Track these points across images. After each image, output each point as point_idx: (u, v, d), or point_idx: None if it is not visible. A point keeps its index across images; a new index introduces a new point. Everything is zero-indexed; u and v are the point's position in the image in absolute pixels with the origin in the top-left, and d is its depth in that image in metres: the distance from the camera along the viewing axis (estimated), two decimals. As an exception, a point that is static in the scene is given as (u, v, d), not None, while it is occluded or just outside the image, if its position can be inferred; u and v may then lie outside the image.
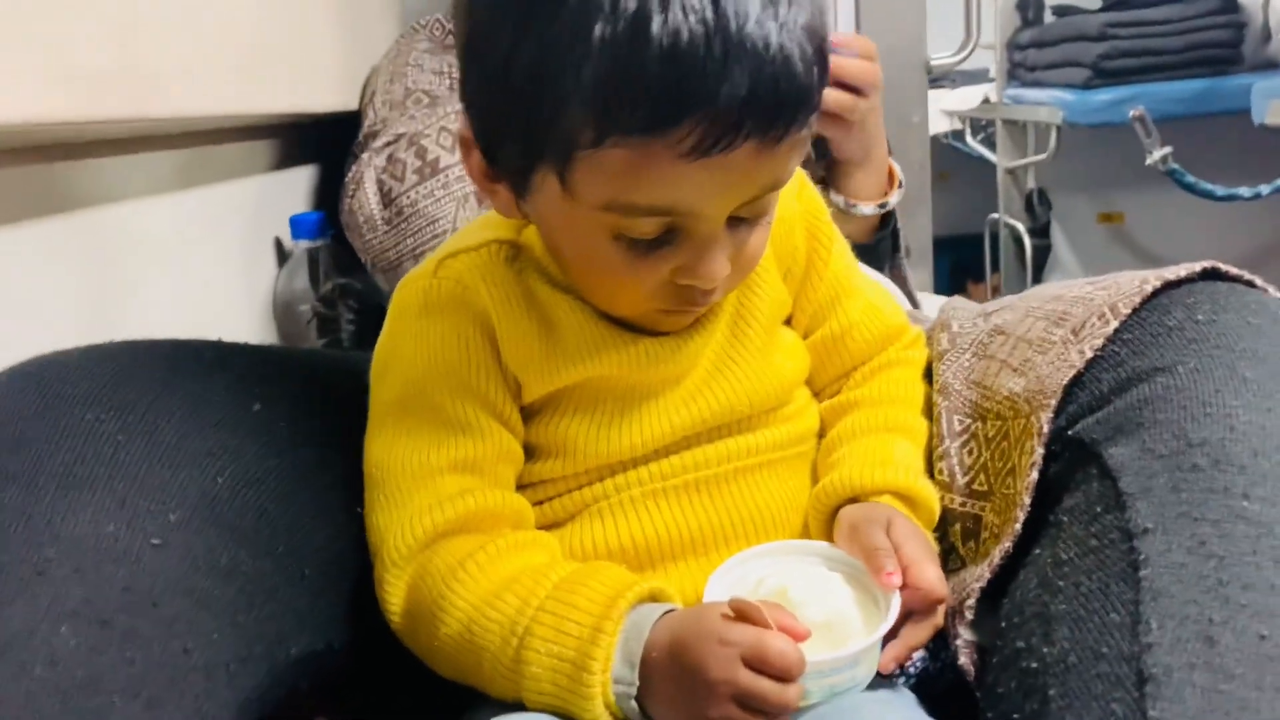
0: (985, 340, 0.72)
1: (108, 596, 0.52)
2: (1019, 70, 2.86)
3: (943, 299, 1.39)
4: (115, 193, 0.82)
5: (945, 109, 3.20)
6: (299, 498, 0.64)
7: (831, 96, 0.99)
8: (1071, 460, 0.60)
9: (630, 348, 0.65)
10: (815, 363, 0.75)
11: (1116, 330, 0.62)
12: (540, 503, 0.67)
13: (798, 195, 0.73)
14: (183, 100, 0.81)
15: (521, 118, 0.56)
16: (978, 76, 3.16)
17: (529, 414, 0.67)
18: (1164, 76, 2.43)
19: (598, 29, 0.51)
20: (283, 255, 1.15)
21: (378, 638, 0.63)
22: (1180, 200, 2.40)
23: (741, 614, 0.54)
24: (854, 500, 0.67)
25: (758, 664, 0.52)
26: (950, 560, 0.68)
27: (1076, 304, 0.67)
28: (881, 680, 0.61)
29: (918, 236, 1.48)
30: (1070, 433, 0.61)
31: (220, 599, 0.56)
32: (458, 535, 0.62)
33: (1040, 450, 0.61)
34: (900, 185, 1.11)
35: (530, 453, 0.67)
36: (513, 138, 0.58)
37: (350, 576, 0.65)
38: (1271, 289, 0.64)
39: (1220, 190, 2.30)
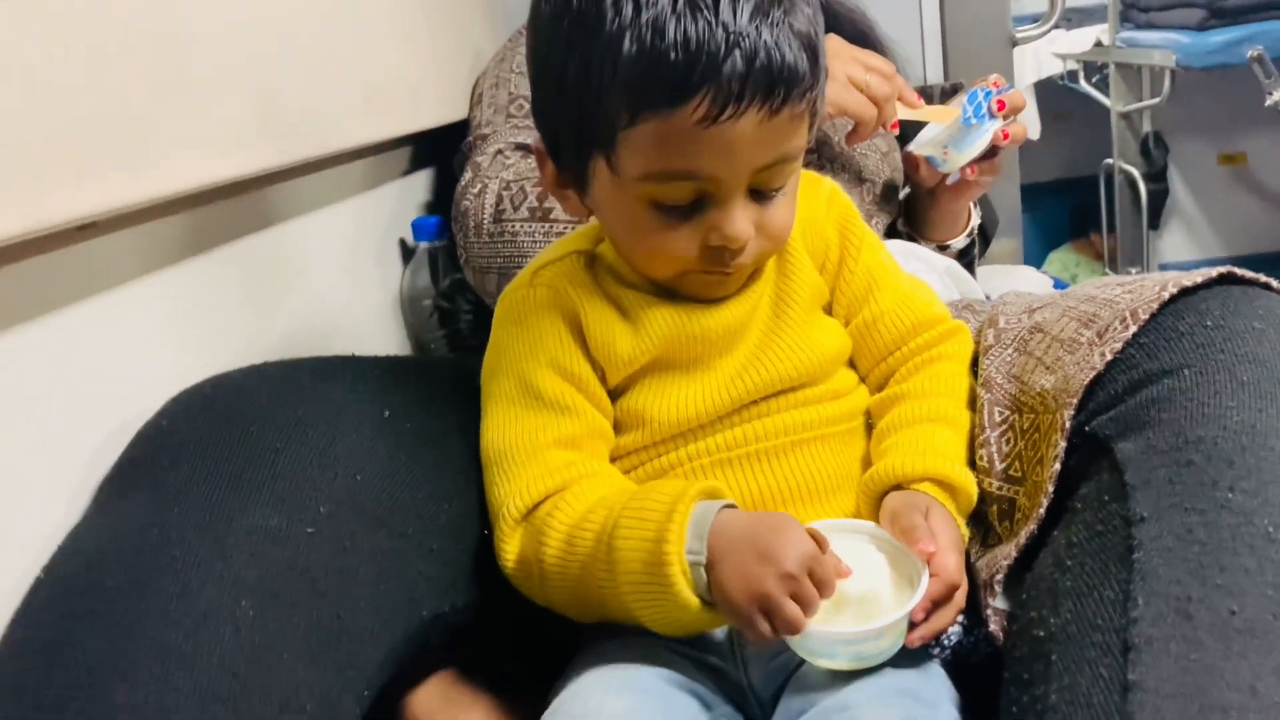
0: (1026, 337, 0.79)
1: (276, 575, 0.64)
2: (1132, 11, 2.81)
3: (1029, 271, 1.44)
4: (264, 221, 0.95)
5: (1057, 52, 3.15)
6: (424, 486, 0.76)
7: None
8: (1088, 453, 0.68)
9: (687, 326, 0.77)
10: (855, 348, 0.84)
11: (1135, 334, 0.69)
12: (628, 472, 0.79)
13: (829, 204, 0.84)
14: (316, 143, 0.93)
15: (575, 113, 0.71)
16: (1096, 14, 3.09)
17: (614, 395, 0.79)
18: (1282, 14, 2.36)
19: (627, 37, 0.66)
20: (407, 255, 1.28)
21: (493, 598, 0.76)
22: (1307, 138, 2.35)
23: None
24: (899, 487, 0.75)
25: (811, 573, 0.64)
26: (989, 537, 0.76)
27: (1105, 306, 0.73)
28: (921, 652, 0.70)
29: (1007, 204, 1.52)
30: (1088, 428, 0.68)
31: (364, 573, 0.69)
32: (560, 495, 0.73)
33: (1063, 444, 0.69)
34: (971, 223, 1.24)
35: (617, 428, 0.79)
36: (571, 135, 0.73)
37: (470, 548, 0.77)
38: (1280, 292, 0.70)
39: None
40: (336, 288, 1.11)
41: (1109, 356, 0.69)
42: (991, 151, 1.13)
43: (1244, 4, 2.38)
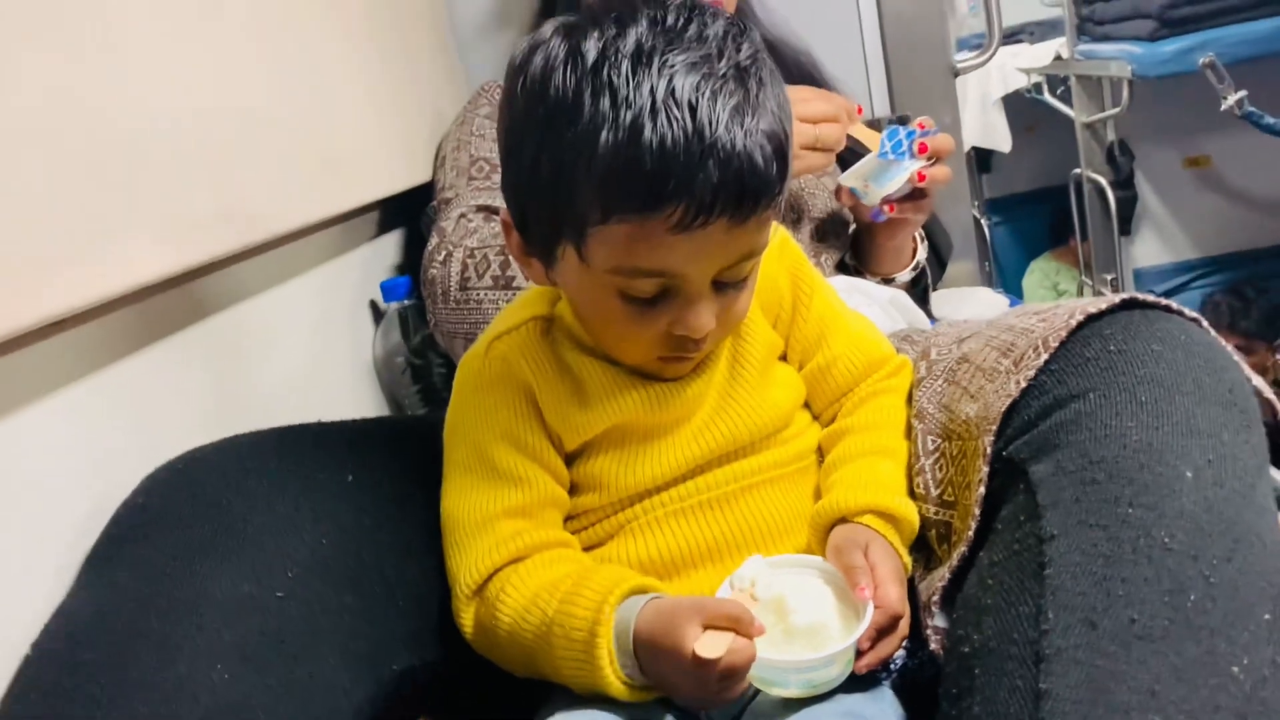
0: (954, 367, 0.84)
1: (249, 640, 0.68)
2: (1088, 25, 2.86)
3: (985, 292, 1.49)
4: (232, 299, 1.00)
5: (1020, 66, 3.21)
6: (388, 544, 0.81)
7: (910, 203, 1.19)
8: (1007, 476, 0.72)
9: (644, 395, 0.81)
10: (810, 390, 0.89)
11: (1046, 362, 0.73)
12: (583, 529, 0.83)
13: (779, 254, 0.87)
14: (278, 222, 0.98)
15: (547, 204, 0.72)
16: (1057, 28, 3.15)
17: (570, 460, 0.83)
18: (1230, 20, 2.41)
19: (603, 135, 0.66)
20: (378, 316, 1.33)
21: (460, 650, 0.80)
22: (1270, 137, 2.39)
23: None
24: (844, 520, 0.80)
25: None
26: (931, 560, 0.80)
27: (1021, 335, 0.77)
28: (869, 677, 0.74)
29: (960, 227, 1.57)
30: (1006, 452, 0.72)
31: (334, 633, 0.73)
32: (511, 568, 0.77)
33: (985, 468, 0.73)
34: (917, 257, 1.28)
35: (573, 489, 0.83)
36: (540, 220, 0.74)
37: (436, 604, 0.81)
38: (1186, 310, 0.74)
39: (1303, 130, 2.28)
40: (310, 354, 1.15)
41: (1023, 384, 0.73)
42: (919, 193, 1.17)
43: (1192, 14, 2.43)
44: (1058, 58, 3.02)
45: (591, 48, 0.68)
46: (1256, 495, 0.65)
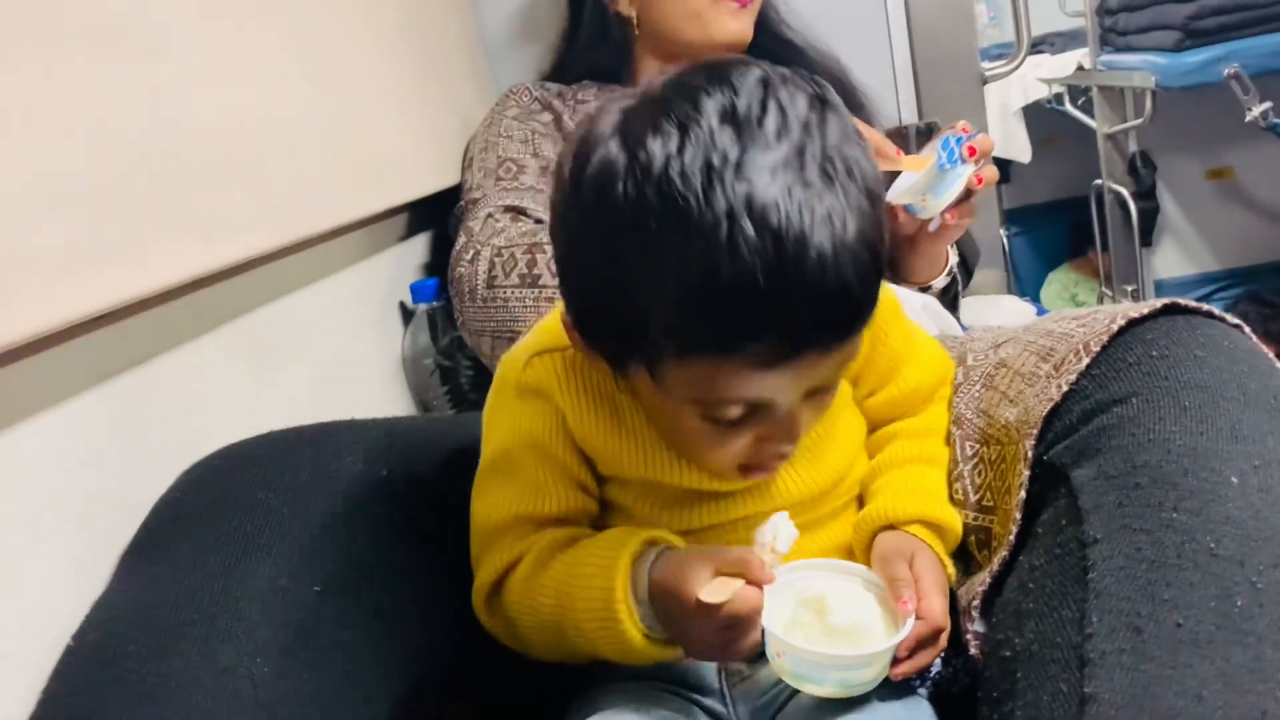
0: (991, 372, 0.83)
1: (287, 634, 0.69)
2: (1110, 35, 2.85)
3: (1012, 300, 1.49)
4: (267, 296, 1.00)
5: (1042, 77, 3.20)
6: (422, 541, 0.81)
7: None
8: (1048, 481, 0.72)
9: (693, 467, 0.75)
10: (875, 416, 0.85)
11: (1087, 366, 0.73)
12: None
13: None
14: (312, 222, 0.99)
15: (613, 327, 0.65)
16: (1078, 39, 3.15)
17: (602, 479, 0.79)
18: (1256, 31, 2.40)
19: (673, 265, 0.57)
20: (407, 317, 1.33)
21: (496, 647, 0.80)
22: (1294, 147, 2.38)
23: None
24: (890, 527, 0.79)
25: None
26: (970, 565, 0.80)
27: (1061, 340, 0.77)
28: (904, 685, 0.74)
29: (987, 236, 1.57)
30: (1047, 457, 0.72)
31: (367, 629, 0.73)
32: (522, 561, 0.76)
33: (1026, 473, 0.73)
34: (950, 262, 1.27)
35: (604, 506, 0.80)
36: (607, 338, 0.67)
37: (466, 602, 0.80)
38: (1228, 317, 0.74)
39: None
40: (340, 354, 1.16)
41: (1064, 388, 0.73)
42: (966, 195, 1.18)
43: (1217, 24, 2.42)
44: (1080, 68, 3.01)
45: (656, 152, 0.58)
46: None
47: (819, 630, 0.72)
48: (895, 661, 0.72)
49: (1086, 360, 0.73)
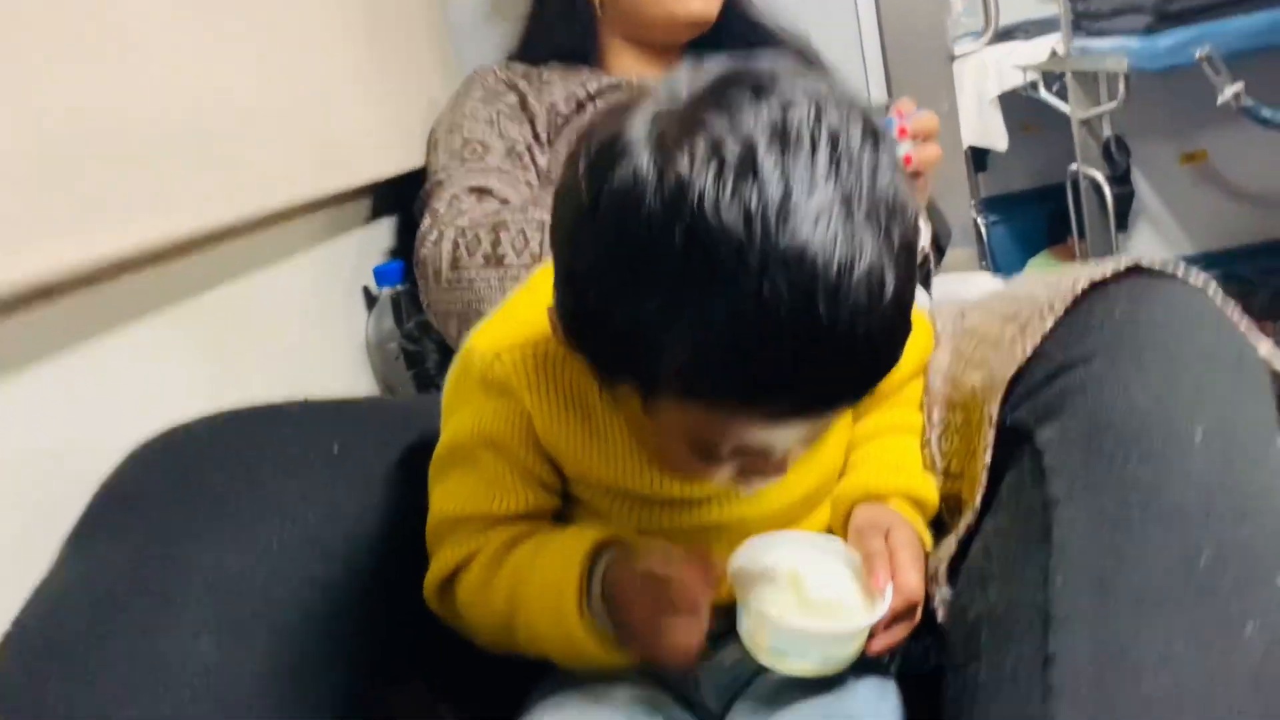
0: (958, 339, 0.82)
1: (234, 614, 0.66)
2: (1083, 20, 2.85)
3: (984, 277, 1.48)
4: (223, 276, 0.98)
5: (1017, 64, 3.20)
6: (378, 523, 0.79)
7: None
8: (1012, 443, 0.70)
9: (669, 478, 0.72)
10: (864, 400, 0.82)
11: (1051, 328, 0.71)
12: None
13: None
14: (268, 197, 0.97)
15: (612, 350, 0.59)
16: (1052, 25, 3.14)
17: (569, 479, 0.76)
18: (1227, 13, 2.40)
19: (695, 314, 0.51)
20: (371, 301, 1.31)
21: (445, 631, 0.78)
22: (1267, 131, 2.38)
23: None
24: (868, 500, 0.77)
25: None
26: (940, 533, 0.79)
27: (1026, 303, 0.76)
28: (874, 663, 0.73)
29: (959, 215, 1.56)
30: (1011, 419, 0.71)
31: (320, 608, 0.71)
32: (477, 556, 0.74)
33: (992, 435, 0.72)
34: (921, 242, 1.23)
35: (568, 502, 0.78)
36: (602, 354, 0.61)
37: (420, 587, 0.78)
38: (1193, 276, 0.73)
39: (1303, 124, 2.27)
40: (302, 337, 1.14)
41: (1029, 351, 0.71)
42: (913, 176, 1.15)
43: (1188, 7, 2.42)
44: (1053, 54, 3.01)
45: (689, 177, 0.51)
46: (1268, 460, 0.63)
47: (795, 604, 0.70)
48: (871, 637, 0.71)
49: (1050, 322, 0.71)
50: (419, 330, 1.29)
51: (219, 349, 0.96)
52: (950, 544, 0.73)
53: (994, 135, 3.30)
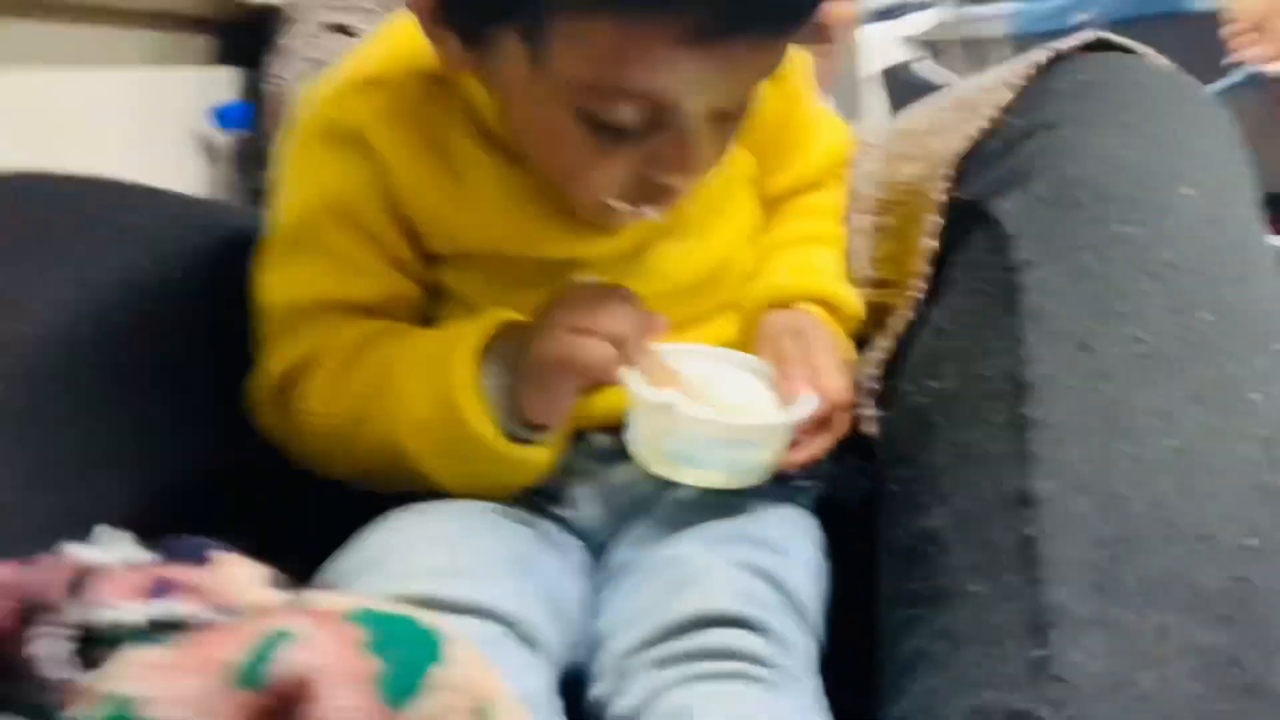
0: (891, 142, 0.72)
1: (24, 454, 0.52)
2: (969, -12, 2.86)
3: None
4: (21, 58, 0.81)
5: (902, 34, 3.18)
6: (181, 308, 0.64)
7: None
8: (963, 224, 0.60)
9: (553, 226, 0.61)
10: (774, 195, 0.72)
11: (1009, 102, 0.62)
12: None
13: None
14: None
15: None
16: (927, 4, 3.15)
17: (433, 261, 0.64)
18: (1108, -20, 2.43)
19: None
20: (208, 150, 1.14)
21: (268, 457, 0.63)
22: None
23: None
24: (779, 306, 0.67)
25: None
26: (864, 352, 0.68)
27: (974, 90, 0.67)
28: (784, 492, 0.62)
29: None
30: (962, 196, 0.61)
31: (101, 395, 0.56)
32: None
33: (935, 219, 0.61)
34: None
35: (435, 297, 0.65)
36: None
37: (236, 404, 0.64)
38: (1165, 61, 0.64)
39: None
40: (119, 168, 0.96)
41: (982, 125, 0.62)
42: (822, 36, 1.07)
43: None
44: (939, 24, 3.00)
45: None
46: (1256, 224, 0.55)
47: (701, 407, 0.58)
48: (790, 449, 0.60)
49: (1009, 95, 0.62)
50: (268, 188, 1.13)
51: (10, 141, 0.79)
52: (885, 345, 0.62)
53: (876, 116, 3.28)
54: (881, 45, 3.21)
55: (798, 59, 0.69)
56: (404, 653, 0.31)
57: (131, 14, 0.95)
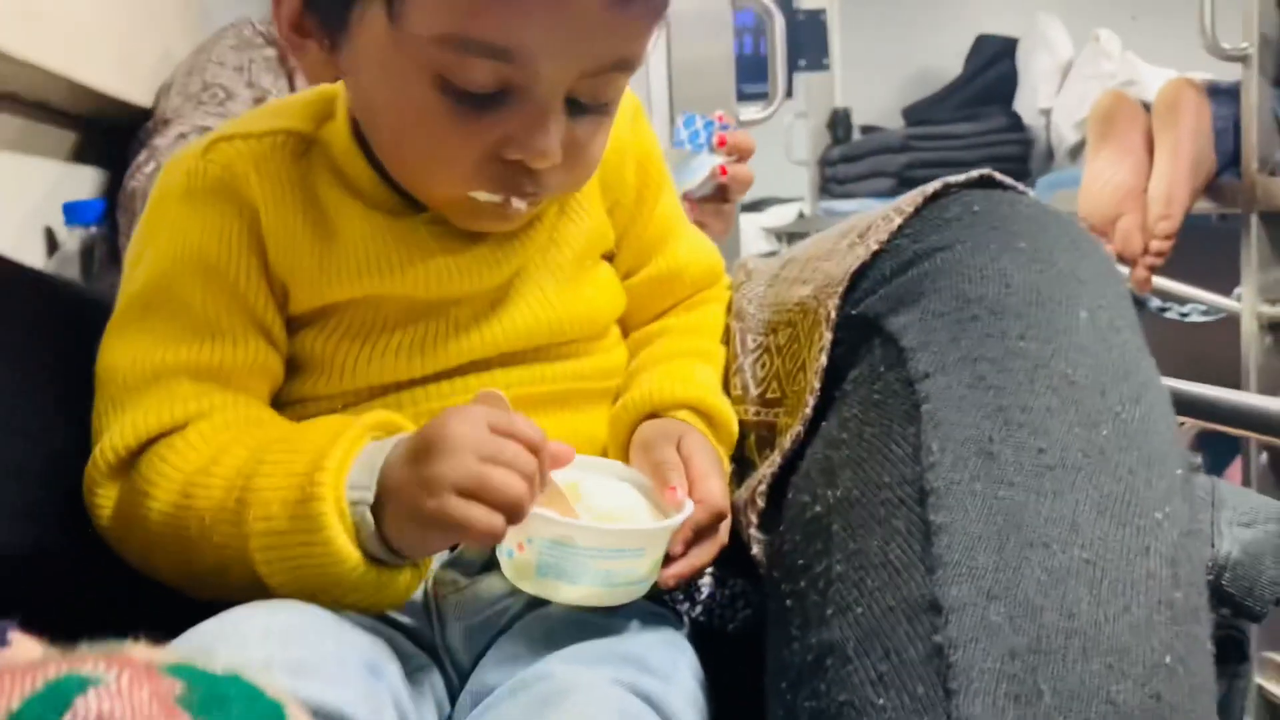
0: (778, 270, 0.72)
1: None
2: (831, 184, 3.01)
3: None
4: None
5: (765, 226, 3.33)
6: (23, 395, 0.58)
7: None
8: (856, 339, 0.59)
9: (419, 262, 0.61)
10: (637, 302, 0.72)
11: (900, 226, 0.62)
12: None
13: (632, 124, 0.70)
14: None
15: None
16: (790, 198, 3.32)
17: (295, 326, 0.62)
18: (962, 184, 2.60)
19: None
20: (53, 246, 1.07)
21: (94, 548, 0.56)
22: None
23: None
24: (652, 417, 0.65)
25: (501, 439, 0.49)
26: (747, 473, 0.66)
27: (863, 219, 0.67)
28: (663, 618, 0.58)
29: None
30: (854, 313, 0.60)
31: None
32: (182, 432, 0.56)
33: (829, 335, 0.60)
34: None
35: (292, 368, 0.62)
36: None
37: (68, 476, 0.57)
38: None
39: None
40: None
41: (874, 246, 0.62)
42: (720, 196, 1.09)
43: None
44: (800, 215, 3.15)
45: None
46: (1145, 348, 0.55)
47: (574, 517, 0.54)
48: (668, 562, 0.56)
49: (899, 220, 0.62)
50: (113, 291, 1.05)
51: None
52: (774, 460, 0.60)
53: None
54: (747, 236, 3.35)
55: (660, 168, 0.72)
56: (232, 715, 0.25)
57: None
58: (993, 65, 2.81)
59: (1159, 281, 1.75)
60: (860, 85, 3.08)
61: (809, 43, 2.93)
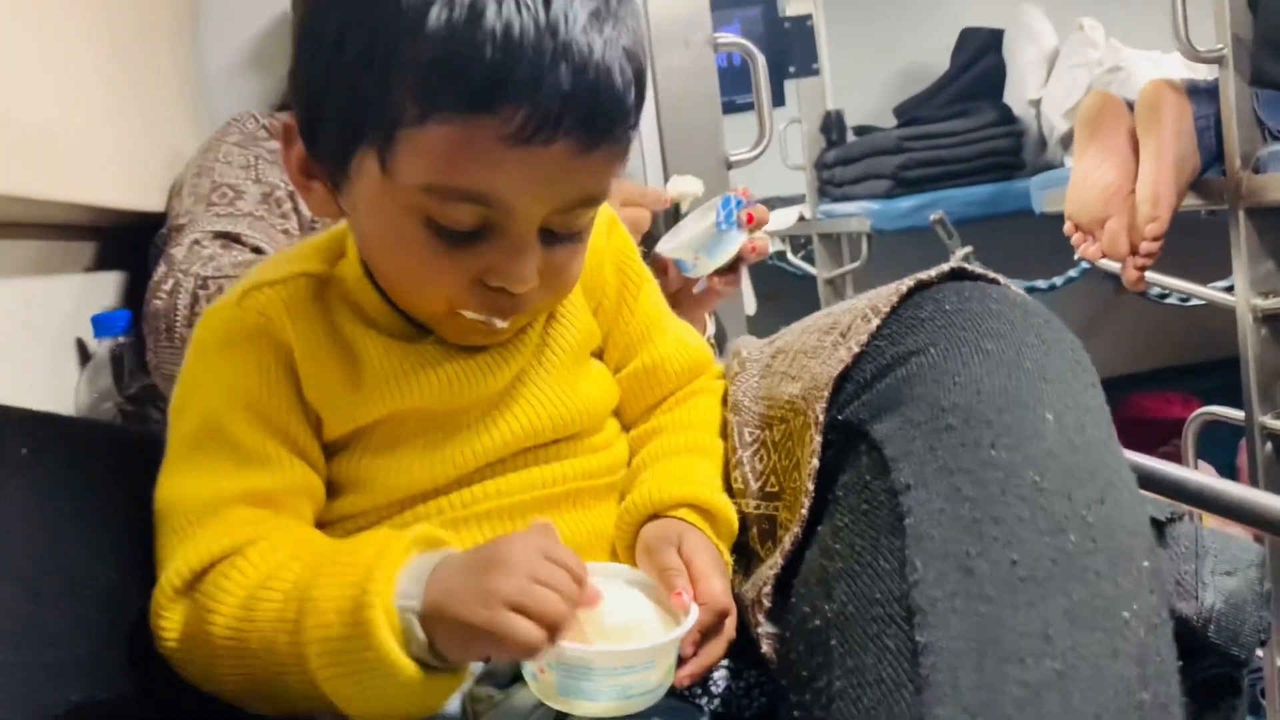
0: (769, 361, 0.76)
1: None
2: (828, 187, 3.04)
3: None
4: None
5: (766, 230, 3.36)
6: (76, 540, 0.63)
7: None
8: (844, 443, 0.64)
9: (432, 378, 0.67)
10: (627, 395, 0.78)
11: (878, 327, 0.66)
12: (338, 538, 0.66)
13: (608, 234, 0.77)
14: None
15: (348, 94, 0.60)
16: (792, 200, 3.34)
17: (330, 451, 0.68)
18: (957, 183, 2.62)
19: (434, 12, 0.55)
20: (85, 357, 1.12)
21: (162, 685, 0.61)
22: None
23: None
24: (655, 517, 0.70)
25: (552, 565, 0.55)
26: (752, 564, 0.70)
27: (845, 313, 0.71)
28: (686, 711, 0.62)
29: (733, 318, 1.54)
30: (841, 418, 0.64)
31: None
32: (240, 553, 0.61)
33: (818, 439, 0.65)
34: (708, 331, 1.26)
35: (331, 489, 0.68)
36: (337, 117, 0.61)
37: (134, 621, 0.63)
38: (1013, 284, 0.70)
39: (1017, 284, 2.47)
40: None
41: (855, 350, 0.66)
42: (734, 264, 1.14)
43: (924, 175, 2.63)
44: (801, 218, 3.17)
45: None
46: (1112, 442, 0.59)
47: (589, 633, 0.59)
48: (680, 663, 0.60)
49: (876, 321, 0.67)
50: (144, 394, 1.11)
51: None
52: (775, 561, 0.64)
53: (743, 299, 3.42)
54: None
55: (638, 268, 0.78)
56: None
57: (12, 225, 0.94)
58: (980, 59, 2.83)
59: (1153, 276, 1.78)
60: (850, 86, 3.11)
61: (798, 49, 2.96)
